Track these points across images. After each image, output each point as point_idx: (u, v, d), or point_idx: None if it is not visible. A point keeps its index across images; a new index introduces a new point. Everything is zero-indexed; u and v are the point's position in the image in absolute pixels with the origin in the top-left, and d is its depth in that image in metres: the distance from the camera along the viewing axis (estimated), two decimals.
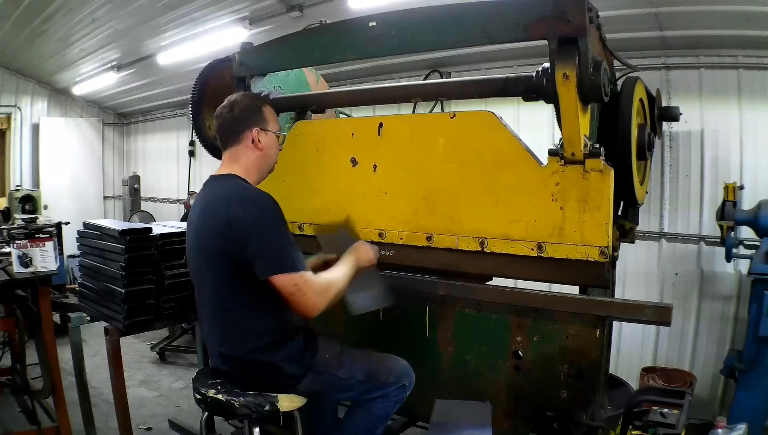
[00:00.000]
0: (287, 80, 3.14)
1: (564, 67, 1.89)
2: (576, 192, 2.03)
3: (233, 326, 2.05)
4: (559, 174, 2.06)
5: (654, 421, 1.94)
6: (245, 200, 1.97)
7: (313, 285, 1.93)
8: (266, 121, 2.14)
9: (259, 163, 2.15)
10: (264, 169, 2.18)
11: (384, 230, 2.51)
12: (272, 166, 2.23)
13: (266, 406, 1.97)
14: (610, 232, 2.00)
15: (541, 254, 2.11)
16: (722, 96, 3.78)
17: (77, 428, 3.10)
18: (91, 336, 4.15)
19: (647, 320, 2.07)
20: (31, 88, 8.46)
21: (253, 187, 2.08)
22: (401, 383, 2.20)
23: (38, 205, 6.94)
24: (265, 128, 2.13)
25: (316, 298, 1.93)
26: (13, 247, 2.92)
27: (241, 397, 1.98)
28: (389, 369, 2.20)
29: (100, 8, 5.63)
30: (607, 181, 1.98)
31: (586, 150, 1.99)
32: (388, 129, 2.50)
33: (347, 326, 2.69)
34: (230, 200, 1.97)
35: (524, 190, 2.14)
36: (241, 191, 2.02)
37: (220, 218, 1.96)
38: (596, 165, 1.98)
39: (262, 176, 2.19)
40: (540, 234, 2.11)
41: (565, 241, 2.06)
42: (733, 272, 3.75)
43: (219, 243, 1.97)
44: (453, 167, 2.32)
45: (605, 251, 1.99)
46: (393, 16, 2.31)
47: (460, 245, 2.31)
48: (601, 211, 1.99)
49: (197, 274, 2.13)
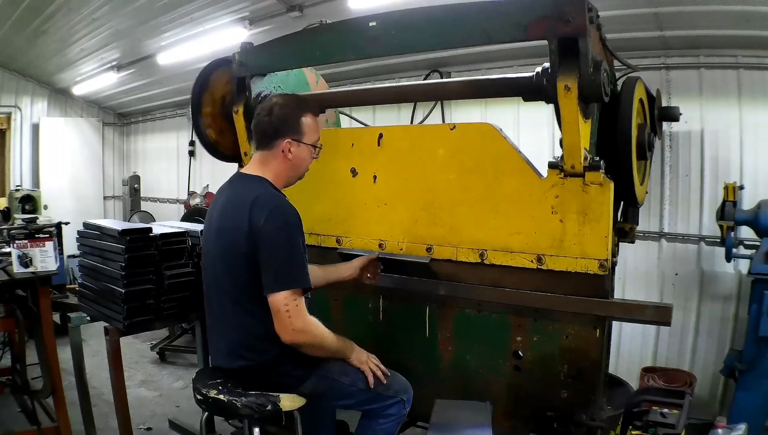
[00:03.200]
0: (287, 80, 3.14)
1: (566, 79, 1.89)
2: (576, 204, 2.03)
3: (244, 324, 2.06)
4: (559, 186, 2.07)
5: (654, 421, 1.94)
6: (270, 208, 1.97)
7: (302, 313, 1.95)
8: (301, 133, 2.11)
9: (288, 172, 2.14)
10: (292, 177, 2.18)
11: (384, 241, 2.52)
12: (302, 175, 2.22)
13: (268, 405, 1.97)
14: (609, 245, 2.00)
15: (540, 266, 2.12)
16: (722, 96, 3.77)
17: (77, 428, 3.10)
18: (91, 336, 4.16)
19: (647, 320, 2.08)
20: (31, 88, 8.45)
21: (282, 197, 2.08)
22: (399, 398, 2.20)
23: (38, 205, 6.93)
24: (299, 140, 2.11)
25: (300, 325, 1.94)
26: (13, 247, 2.92)
27: (243, 397, 1.98)
28: (389, 383, 2.20)
29: (100, 8, 5.62)
30: (607, 194, 1.98)
31: (586, 163, 2.00)
32: (388, 140, 2.51)
33: (347, 327, 2.69)
34: (255, 204, 1.98)
35: (524, 202, 2.15)
36: (269, 198, 2.02)
37: (242, 219, 1.98)
38: (596, 178, 1.99)
39: (289, 183, 2.20)
40: (540, 246, 2.12)
41: (564, 253, 2.07)
42: (733, 272, 3.75)
43: (239, 243, 1.98)
44: (453, 178, 2.33)
45: (605, 264, 1.99)
46: (393, 16, 2.31)
47: (460, 257, 2.32)
48: (600, 224, 2.00)
49: (212, 269, 2.14)
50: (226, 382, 2.07)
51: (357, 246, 2.62)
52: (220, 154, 3.29)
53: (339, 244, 2.66)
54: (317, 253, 2.72)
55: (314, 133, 2.15)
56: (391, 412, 2.19)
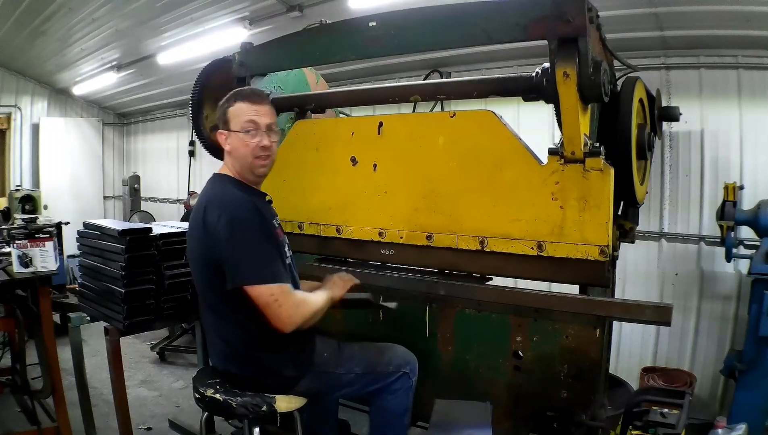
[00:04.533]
0: (287, 80, 3.14)
1: (564, 66, 1.89)
2: (576, 191, 2.02)
3: (227, 328, 2.06)
4: (559, 173, 2.06)
5: (654, 421, 1.94)
6: (221, 205, 1.96)
7: (290, 297, 1.92)
8: (228, 122, 2.07)
9: (235, 163, 2.11)
10: (245, 167, 2.08)
11: (384, 229, 2.51)
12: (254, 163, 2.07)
13: (263, 406, 1.97)
14: (610, 231, 1.99)
15: (541, 253, 2.11)
16: (722, 96, 3.77)
17: (77, 428, 3.10)
18: (91, 336, 4.15)
19: (647, 320, 2.07)
20: (31, 88, 8.46)
21: (234, 192, 2.02)
22: (401, 372, 2.19)
23: (38, 205, 6.93)
24: (228, 129, 2.08)
25: (292, 310, 1.91)
26: (13, 247, 2.92)
27: (239, 397, 1.99)
28: (388, 359, 2.20)
29: (100, 8, 5.63)
30: (607, 180, 1.98)
31: (586, 149, 1.99)
32: (388, 128, 2.50)
33: (348, 327, 2.70)
34: (208, 204, 1.99)
35: (524, 189, 2.14)
36: (220, 195, 2.01)
37: (198, 221, 1.98)
38: (596, 164, 1.98)
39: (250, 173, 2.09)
40: (540, 233, 2.11)
41: (565, 240, 2.06)
42: (733, 272, 3.75)
43: (200, 247, 1.99)
44: (453, 166, 2.32)
45: (605, 250, 1.98)
46: (393, 16, 2.31)
47: (460, 244, 2.31)
48: (601, 210, 1.99)
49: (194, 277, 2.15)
50: (224, 381, 2.08)
51: (357, 235, 2.61)
52: (220, 154, 3.28)
53: (339, 233, 2.64)
54: (317, 242, 2.71)
55: (238, 118, 2.05)
56: (397, 386, 2.18)
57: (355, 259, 2.71)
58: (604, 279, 2.04)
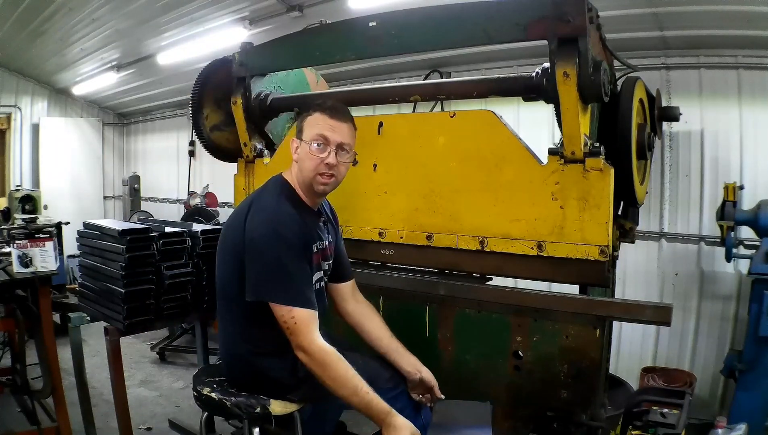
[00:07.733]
0: (287, 80, 3.14)
1: (564, 66, 1.89)
2: (576, 191, 2.03)
3: (236, 324, 2.05)
4: (559, 173, 2.06)
5: (654, 421, 1.94)
6: (262, 214, 1.94)
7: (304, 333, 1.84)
8: (302, 130, 2.03)
9: (297, 171, 2.06)
10: (302, 178, 2.04)
11: (384, 229, 2.51)
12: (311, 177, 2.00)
13: (257, 408, 1.96)
14: (610, 231, 2.00)
15: (541, 253, 2.11)
16: (722, 96, 3.77)
17: (77, 428, 3.10)
18: (91, 336, 4.15)
19: (647, 320, 2.07)
20: (31, 88, 8.45)
21: (279, 205, 1.97)
22: (401, 388, 2.16)
23: (38, 205, 6.93)
24: (300, 138, 2.03)
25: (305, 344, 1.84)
26: (13, 247, 2.92)
27: (234, 397, 1.98)
28: (390, 375, 2.16)
29: (100, 8, 5.62)
30: (607, 180, 1.98)
31: (586, 149, 1.99)
32: (388, 128, 2.51)
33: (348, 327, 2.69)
34: (253, 207, 1.98)
35: (524, 189, 2.14)
36: (266, 202, 1.98)
37: (240, 219, 1.97)
38: (596, 164, 1.99)
39: (307, 184, 2.03)
40: (540, 233, 2.11)
41: (565, 240, 2.06)
42: (733, 272, 3.75)
43: (235, 243, 1.97)
44: (453, 166, 2.32)
45: (605, 250, 1.99)
46: (393, 16, 2.31)
47: (460, 244, 2.31)
48: (601, 210, 1.99)
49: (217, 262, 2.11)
50: (222, 381, 2.08)
51: (357, 235, 2.61)
52: (220, 154, 3.29)
53: None
54: None
55: (311, 129, 1.98)
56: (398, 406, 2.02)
57: (355, 259, 2.70)
58: (604, 279, 2.04)
